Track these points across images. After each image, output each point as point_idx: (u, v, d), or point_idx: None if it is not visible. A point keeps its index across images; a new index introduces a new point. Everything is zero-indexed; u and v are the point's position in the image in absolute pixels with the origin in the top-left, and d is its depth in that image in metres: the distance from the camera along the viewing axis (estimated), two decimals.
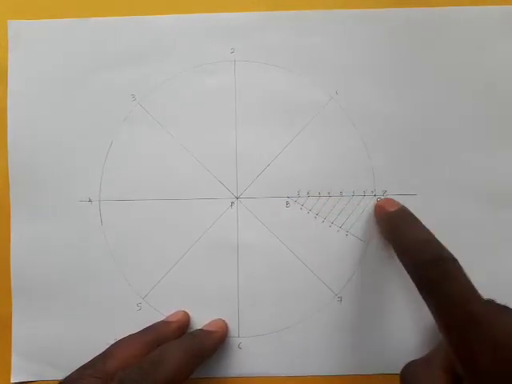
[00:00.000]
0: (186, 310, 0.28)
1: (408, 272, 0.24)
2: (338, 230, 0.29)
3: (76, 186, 0.29)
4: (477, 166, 0.29)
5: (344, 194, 0.29)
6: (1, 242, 0.29)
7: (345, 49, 0.29)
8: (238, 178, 0.29)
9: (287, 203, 0.29)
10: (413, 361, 0.24)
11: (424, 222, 0.25)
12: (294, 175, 0.29)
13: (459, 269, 0.22)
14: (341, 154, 0.29)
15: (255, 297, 0.29)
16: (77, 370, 0.24)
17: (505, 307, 0.21)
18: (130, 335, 0.26)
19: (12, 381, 0.29)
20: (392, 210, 0.27)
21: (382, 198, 0.29)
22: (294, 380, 0.28)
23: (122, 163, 0.29)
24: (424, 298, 0.22)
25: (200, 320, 0.28)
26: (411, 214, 0.26)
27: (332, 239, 0.29)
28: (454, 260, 0.22)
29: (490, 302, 0.21)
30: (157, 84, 0.30)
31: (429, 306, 0.22)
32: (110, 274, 0.29)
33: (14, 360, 0.29)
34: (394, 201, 0.28)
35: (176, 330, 0.27)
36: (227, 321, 0.28)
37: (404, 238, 0.25)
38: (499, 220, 0.29)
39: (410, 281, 0.23)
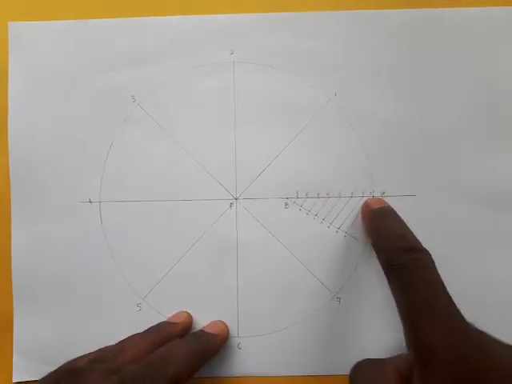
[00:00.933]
0: (187, 311, 0.29)
1: (379, 260, 0.24)
2: (337, 231, 0.29)
3: (76, 187, 0.29)
4: (477, 166, 0.29)
5: (342, 195, 0.29)
6: (2, 242, 0.29)
7: (343, 50, 0.29)
8: (237, 179, 0.29)
9: (286, 204, 0.29)
10: (364, 359, 0.23)
11: (422, 223, 0.25)
12: (292, 176, 0.29)
13: (431, 262, 0.22)
14: (339, 155, 0.29)
15: (254, 297, 0.29)
16: (87, 361, 0.23)
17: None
18: (137, 333, 0.26)
19: (13, 380, 0.29)
20: (376, 207, 0.27)
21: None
22: (293, 380, 0.28)
23: (121, 164, 0.29)
24: (392, 286, 0.22)
25: (200, 320, 0.29)
26: (393, 212, 0.26)
27: (330, 240, 0.29)
28: (427, 252, 0.22)
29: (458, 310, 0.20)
30: (156, 85, 0.30)
31: (395, 296, 0.22)
32: (110, 274, 0.29)
33: (16, 360, 0.29)
34: (381, 200, 0.28)
35: (181, 331, 0.27)
36: (227, 321, 0.29)
37: (379, 229, 0.25)
38: (499, 221, 0.29)
39: None
